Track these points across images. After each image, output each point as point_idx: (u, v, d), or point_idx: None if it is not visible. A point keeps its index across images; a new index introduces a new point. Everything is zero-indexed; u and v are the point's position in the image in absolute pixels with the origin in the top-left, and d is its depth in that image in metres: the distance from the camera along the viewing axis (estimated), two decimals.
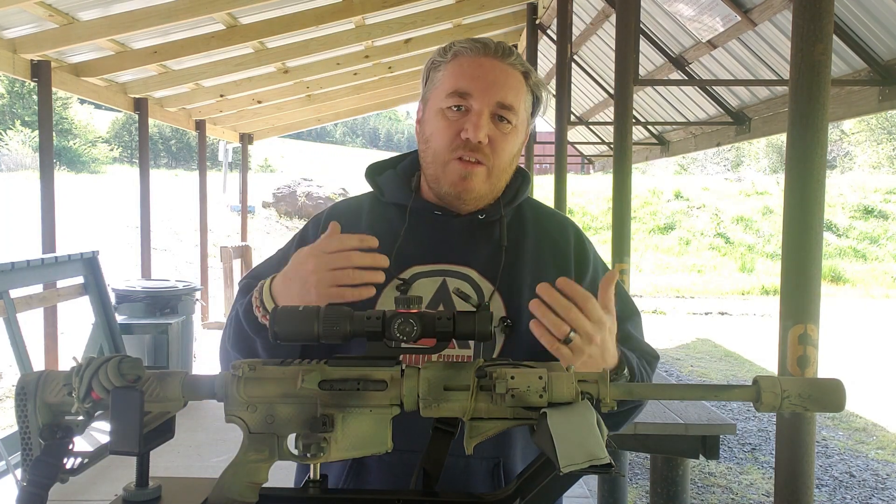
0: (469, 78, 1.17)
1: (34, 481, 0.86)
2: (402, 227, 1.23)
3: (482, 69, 1.18)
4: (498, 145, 1.18)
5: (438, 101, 1.20)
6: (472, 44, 1.20)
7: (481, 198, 1.22)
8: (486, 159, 1.18)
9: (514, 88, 1.19)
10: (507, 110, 1.18)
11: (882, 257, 18.59)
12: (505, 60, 1.19)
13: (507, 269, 1.21)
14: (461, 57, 1.20)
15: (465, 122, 1.17)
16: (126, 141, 41.90)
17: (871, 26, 4.26)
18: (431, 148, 1.21)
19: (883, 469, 5.45)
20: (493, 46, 1.19)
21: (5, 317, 4.09)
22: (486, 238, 1.24)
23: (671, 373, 8.27)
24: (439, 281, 1.20)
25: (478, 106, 1.17)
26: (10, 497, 3.65)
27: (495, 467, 1.16)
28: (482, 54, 1.19)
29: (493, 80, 1.17)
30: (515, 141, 1.22)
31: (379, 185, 1.30)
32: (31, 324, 5.04)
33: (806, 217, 2.06)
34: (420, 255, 1.21)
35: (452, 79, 1.18)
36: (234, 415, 0.90)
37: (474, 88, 1.17)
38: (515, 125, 1.20)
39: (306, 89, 8.33)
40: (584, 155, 13.93)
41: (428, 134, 1.22)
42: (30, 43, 4.82)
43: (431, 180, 1.23)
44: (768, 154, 32.05)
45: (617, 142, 4.12)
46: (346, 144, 62.00)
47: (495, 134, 1.18)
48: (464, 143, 1.17)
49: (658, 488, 3.52)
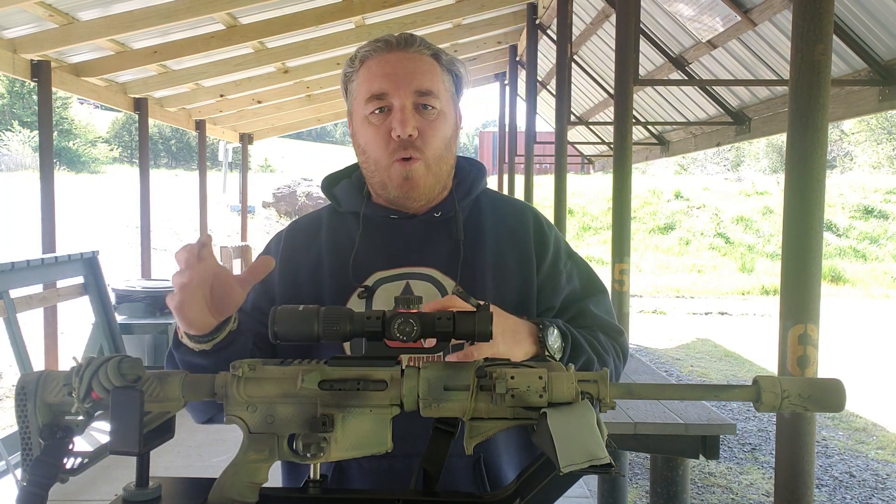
0: (380, 77, 1.17)
1: (34, 481, 0.86)
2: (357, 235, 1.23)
3: (390, 65, 1.18)
4: (428, 134, 1.18)
5: (361, 110, 1.20)
6: (374, 45, 1.20)
7: (430, 190, 1.21)
8: (420, 152, 1.17)
9: (427, 73, 1.19)
10: (427, 96, 1.17)
11: (882, 257, 18.59)
12: (409, 49, 1.19)
13: (467, 264, 1.21)
14: (368, 61, 1.20)
15: (390, 121, 1.17)
16: (126, 141, 41.88)
17: (871, 26, 4.26)
18: (371, 157, 1.20)
19: (883, 469, 5.45)
20: (394, 41, 1.19)
21: (5, 317, 4.09)
22: (445, 235, 1.24)
23: (671, 373, 8.27)
24: (402, 284, 1.19)
25: (398, 101, 1.16)
26: (10, 497, 3.65)
27: (476, 462, 1.16)
28: (386, 51, 1.19)
29: (403, 72, 1.17)
30: (445, 125, 1.21)
31: (335, 196, 1.30)
32: (31, 324, 5.04)
33: (806, 217, 2.06)
34: (381, 261, 1.21)
35: (366, 84, 1.18)
36: (234, 415, 0.90)
37: (388, 86, 1.16)
38: (440, 108, 1.19)
39: (306, 89, 8.33)
40: (584, 155, 13.93)
41: (363, 144, 1.21)
42: (30, 43, 4.82)
43: (379, 188, 1.23)
44: (768, 154, 32.05)
45: (617, 142, 4.13)
46: (347, 144, 62.08)
47: (422, 123, 1.17)
48: (398, 144, 1.17)
49: (658, 488, 3.52)
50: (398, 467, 1.14)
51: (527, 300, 1.23)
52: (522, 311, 1.19)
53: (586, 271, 1.30)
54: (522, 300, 1.23)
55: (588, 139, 11.87)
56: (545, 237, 1.28)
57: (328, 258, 1.23)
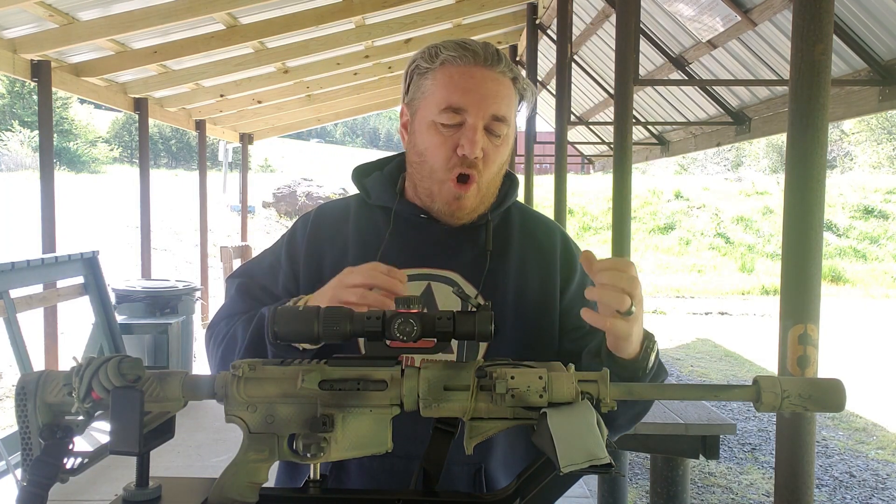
0: (462, 91, 1.14)
1: (34, 481, 0.86)
2: (387, 230, 1.22)
3: (474, 81, 1.15)
4: (490, 158, 1.18)
5: (430, 114, 1.17)
6: (460, 51, 1.15)
7: (473, 212, 1.22)
8: (479, 174, 1.17)
9: (506, 98, 1.17)
10: (500, 122, 1.16)
11: (882, 257, 18.60)
12: (495, 69, 1.16)
13: (491, 274, 1.20)
14: (450, 66, 1.16)
15: (459, 136, 1.15)
16: (126, 141, 41.88)
17: (871, 26, 4.25)
18: (427, 164, 1.19)
19: (883, 469, 5.45)
20: (482, 54, 1.16)
21: (5, 317, 4.09)
22: (472, 242, 1.23)
23: (671, 373, 8.27)
24: (424, 285, 1.19)
25: (472, 120, 1.14)
26: (10, 497, 3.65)
27: (476, 473, 1.15)
28: (472, 64, 1.15)
29: (485, 93, 1.14)
30: (506, 151, 1.21)
31: (365, 188, 1.29)
32: (31, 324, 5.04)
33: (806, 217, 2.06)
34: (405, 260, 1.19)
35: (444, 91, 1.15)
36: (234, 415, 0.90)
37: (468, 103, 1.14)
38: (506, 134, 1.19)
39: (306, 89, 8.33)
40: (584, 155, 13.92)
41: (422, 148, 1.19)
42: (30, 43, 4.82)
43: (425, 194, 1.22)
44: (768, 154, 32.04)
45: (617, 142, 4.12)
46: (346, 144, 62.03)
47: (488, 147, 1.17)
48: (460, 160, 1.15)
49: (658, 488, 3.52)
50: (398, 468, 1.13)
51: (544, 315, 1.23)
52: (540, 326, 1.20)
53: None
54: (540, 315, 1.22)
55: (588, 139, 11.87)
56: (572, 259, 1.28)
57: (353, 249, 1.23)
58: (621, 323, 0.98)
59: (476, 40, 1.20)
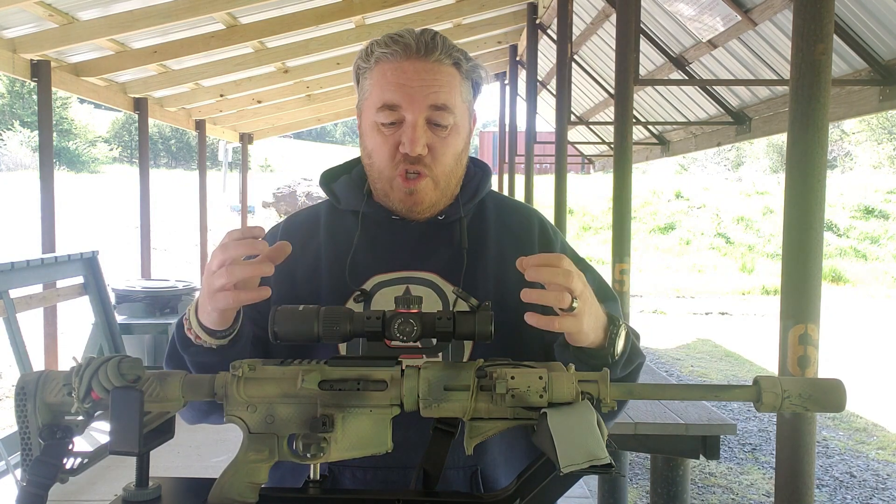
0: (394, 87, 1.10)
1: (34, 481, 0.86)
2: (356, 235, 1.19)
3: (406, 75, 1.10)
4: (439, 151, 1.13)
5: (371, 114, 1.14)
6: (391, 46, 1.11)
7: (434, 206, 1.18)
8: (429, 169, 1.13)
9: (445, 86, 1.12)
10: (442, 111, 1.11)
11: (882, 257, 18.59)
12: (430, 58, 1.11)
13: (469, 270, 1.17)
14: (382, 63, 1.12)
15: (400, 134, 1.12)
16: (126, 141, 41.86)
17: (871, 26, 4.25)
18: (375, 165, 1.16)
19: (883, 469, 5.45)
20: (413, 45, 1.11)
21: (5, 317, 4.09)
22: (447, 239, 1.20)
23: (671, 373, 8.27)
24: (402, 288, 1.16)
25: (410, 117, 1.10)
26: (10, 497, 3.65)
27: (473, 475, 1.14)
28: (404, 58, 1.11)
29: (420, 85, 1.10)
30: (457, 140, 1.16)
31: (334, 192, 1.26)
32: (30, 324, 5.04)
33: (806, 217, 2.06)
34: (380, 264, 1.17)
35: (378, 90, 1.12)
36: (233, 415, 0.90)
37: (401, 99, 1.10)
38: (454, 123, 1.14)
39: (306, 89, 8.33)
40: (585, 155, 13.92)
41: (369, 149, 1.16)
42: (30, 43, 4.82)
43: (381, 195, 1.19)
44: (769, 154, 32.04)
45: (617, 142, 4.12)
46: (347, 144, 62.05)
47: (434, 140, 1.12)
48: (404, 157, 1.12)
49: (658, 488, 3.52)
50: (393, 478, 1.12)
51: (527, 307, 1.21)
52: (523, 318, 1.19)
53: (598, 278, 1.24)
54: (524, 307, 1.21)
55: (588, 139, 11.87)
56: (551, 244, 1.25)
57: (326, 258, 1.19)
58: (568, 320, 0.96)
59: (413, 29, 1.15)
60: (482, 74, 1.20)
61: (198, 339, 1.03)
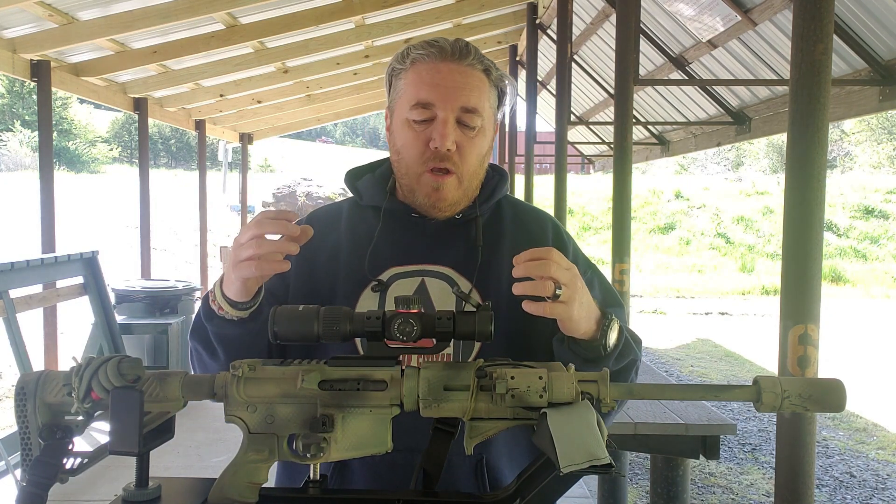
0: (429, 86, 1.17)
1: (34, 481, 0.86)
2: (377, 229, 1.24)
3: (441, 75, 1.17)
4: (466, 150, 1.19)
5: (404, 112, 1.19)
6: (427, 49, 1.18)
7: (456, 204, 1.23)
8: (456, 167, 1.18)
9: (476, 90, 1.18)
10: (472, 113, 1.17)
11: (882, 257, 18.60)
12: (463, 62, 1.18)
13: (484, 268, 1.22)
14: (418, 64, 1.18)
15: (431, 131, 1.17)
16: (126, 141, 41.88)
17: (871, 26, 4.25)
18: (404, 160, 1.21)
19: (883, 469, 5.45)
20: (449, 49, 1.18)
21: (5, 317, 4.09)
22: (464, 237, 1.25)
23: (671, 373, 8.27)
24: (418, 281, 1.20)
25: (442, 114, 1.16)
26: (10, 497, 3.65)
27: (478, 464, 1.16)
28: (439, 59, 1.17)
29: (453, 86, 1.17)
30: (483, 142, 1.22)
31: (358, 190, 1.31)
32: (30, 324, 5.04)
33: (806, 217, 2.06)
34: (397, 257, 1.22)
35: (413, 88, 1.18)
36: (233, 415, 0.90)
37: (436, 97, 1.16)
38: (481, 126, 1.20)
39: (306, 89, 8.34)
40: (584, 155, 13.93)
41: (399, 145, 1.22)
42: (30, 43, 4.82)
43: (406, 191, 1.24)
44: (768, 154, 32.05)
45: (617, 142, 4.12)
46: (347, 144, 62.04)
47: (462, 139, 1.18)
48: (433, 154, 1.17)
49: (658, 488, 3.52)
50: (399, 462, 1.13)
51: None
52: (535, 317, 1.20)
53: (605, 283, 1.30)
54: None
55: (588, 139, 11.87)
56: (564, 247, 1.29)
57: (346, 250, 1.24)
58: (558, 307, 1.00)
59: (447, 38, 1.22)
60: (508, 86, 1.26)
61: (220, 310, 1.09)
